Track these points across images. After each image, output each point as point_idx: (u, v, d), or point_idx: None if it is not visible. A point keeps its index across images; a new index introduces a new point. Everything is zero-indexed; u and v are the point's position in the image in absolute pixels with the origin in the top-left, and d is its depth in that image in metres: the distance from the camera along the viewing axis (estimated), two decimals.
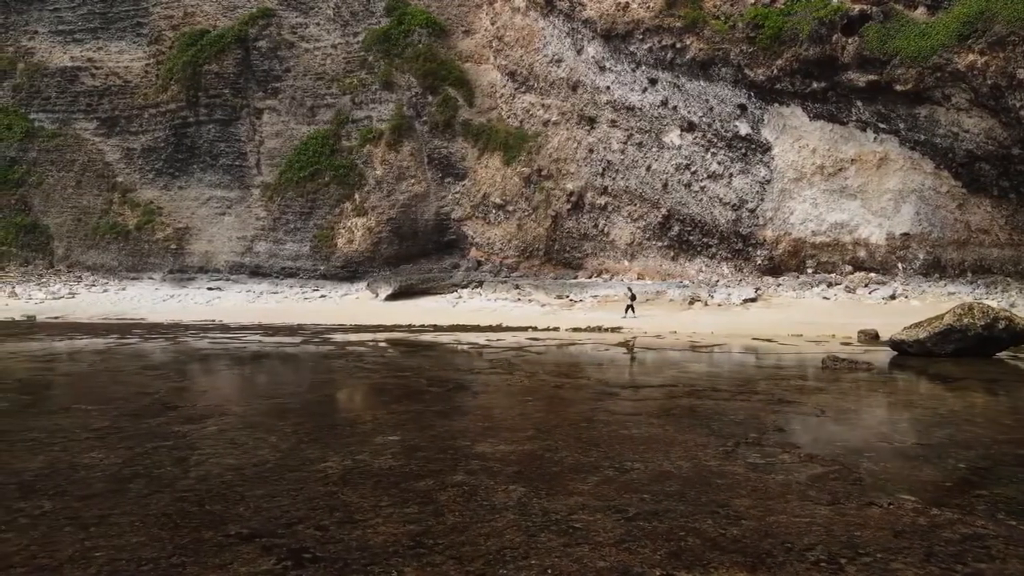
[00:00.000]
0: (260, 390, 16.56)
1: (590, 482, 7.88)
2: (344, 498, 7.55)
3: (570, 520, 6.60)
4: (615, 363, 21.03)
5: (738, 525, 6.35)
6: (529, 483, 7.88)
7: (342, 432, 10.91)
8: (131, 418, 12.24)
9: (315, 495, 7.65)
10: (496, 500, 7.29)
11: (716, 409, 12.42)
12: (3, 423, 11.87)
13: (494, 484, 7.88)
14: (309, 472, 8.61)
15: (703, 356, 22.50)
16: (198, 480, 8.37)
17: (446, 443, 10.05)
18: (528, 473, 8.32)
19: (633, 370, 19.49)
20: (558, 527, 6.41)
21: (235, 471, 8.72)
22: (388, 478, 8.25)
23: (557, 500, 7.24)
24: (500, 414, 12.40)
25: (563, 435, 10.41)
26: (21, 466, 9.15)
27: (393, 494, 7.61)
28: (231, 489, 7.96)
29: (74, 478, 8.54)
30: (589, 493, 7.46)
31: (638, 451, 9.35)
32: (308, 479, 8.30)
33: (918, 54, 33.25)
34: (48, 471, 8.89)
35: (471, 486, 7.82)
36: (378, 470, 8.65)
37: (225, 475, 8.56)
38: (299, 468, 8.80)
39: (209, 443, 10.33)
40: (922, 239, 37.02)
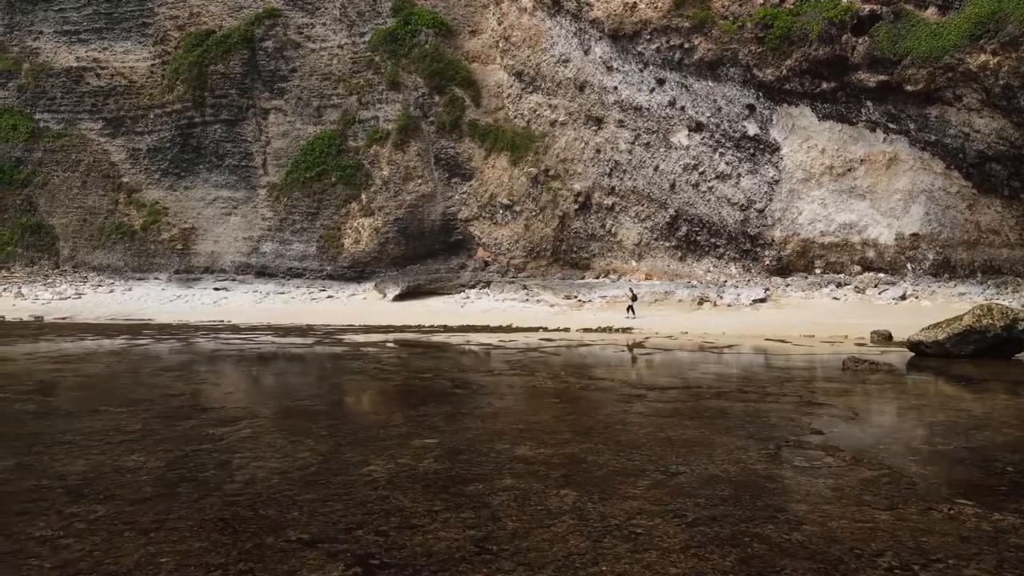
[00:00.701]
0: (284, 392, 16.54)
1: (640, 486, 7.86)
2: (396, 502, 7.53)
3: (630, 525, 6.58)
4: (634, 364, 21.01)
5: (800, 530, 6.33)
6: (579, 487, 7.87)
7: (377, 435, 10.88)
8: (162, 420, 12.22)
9: (367, 499, 7.64)
10: (551, 504, 7.28)
11: (747, 411, 12.41)
12: (35, 426, 11.85)
13: (544, 488, 7.86)
14: (355, 476, 8.59)
15: (720, 357, 22.49)
16: (245, 484, 8.36)
17: (485, 446, 10.03)
18: (575, 477, 8.31)
19: (655, 371, 19.47)
20: (620, 532, 6.40)
21: (280, 475, 8.70)
22: (436, 482, 8.24)
23: (612, 504, 7.23)
24: (532, 416, 12.38)
25: (600, 438, 10.40)
26: (64, 469, 9.13)
27: (445, 499, 7.60)
28: (281, 493, 7.94)
29: (121, 482, 8.53)
30: (642, 497, 7.44)
31: (680, 454, 9.34)
32: (356, 483, 8.28)
33: (930, 54, 33.25)
34: (93, 475, 8.87)
35: (522, 490, 7.81)
36: (423, 474, 8.63)
37: (271, 479, 8.55)
38: (343, 472, 8.79)
39: (247, 446, 10.31)
40: (932, 239, 37.01)
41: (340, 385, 16.97)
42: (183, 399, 14.67)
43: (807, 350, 24.12)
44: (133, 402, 14.42)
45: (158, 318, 43.37)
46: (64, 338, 31.00)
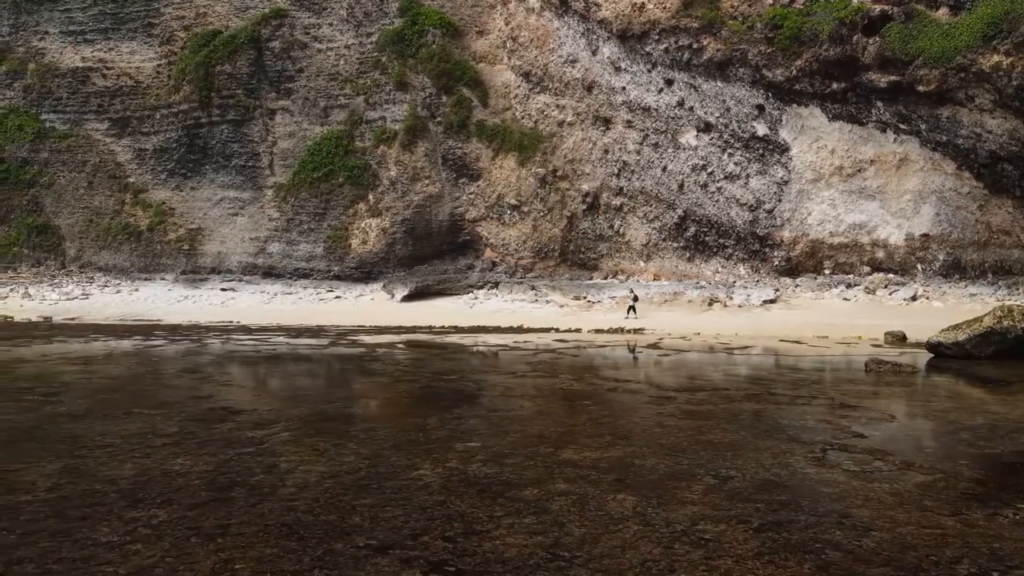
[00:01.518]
0: (312, 394, 16.54)
1: (695, 491, 7.87)
2: (455, 507, 7.54)
3: (697, 531, 6.59)
4: (655, 365, 21.02)
5: (869, 536, 6.34)
6: (635, 491, 7.88)
7: (416, 438, 10.88)
8: (198, 423, 12.21)
9: (425, 505, 7.64)
10: (611, 509, 7.29)
11: (781, 413, 12.42)
12: (72, 428, 11.84)
13: (600, 493, 7.87)
14: (406, 480, 8.59)
15: (738, 358, 22.50)
16: (298, 488, 8.36)
17: (529, 449, 10.04)
18: (628, 481, 8.32)
19: (677, 373, 19.46)
20: (688, 538, 6.41)
21: (332, 479, 8.71)
22: (490, 487, 8.24)
23: (672, 509, 7.23)
24: (567, 419, 12.39)
25: (642, 441, 10.40)
26: (113, 473, 9.13)
27: (503, 504, 7.61)
28: (336, 498, 7.95)
29: (173, 486, 8.53)
30: (700, 502, 7.45)
31: (727, 457, 9.34)
32: (409, 488, 8.28)
33: (942, 55, 33.27)
34: (143, 479, 8.87)
35: (578, 494, 7.81)
36: (474, 478, 8.64)
37: (323, 483, 8.55)
38: (394, 476, 8.79)
39: (289, 449, 10.32)
40: (942, 240, 37.04)
41: (366, 387, 16.97)
42: (212, 401, 14.66)
43: (824, 351, 24.13)
44: (163, 404, 14.41)
45: (167, 319, 43.35)
46: (76, 339, 30.96)
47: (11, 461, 9.81)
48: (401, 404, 14.51)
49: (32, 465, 9.62)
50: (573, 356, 22.94)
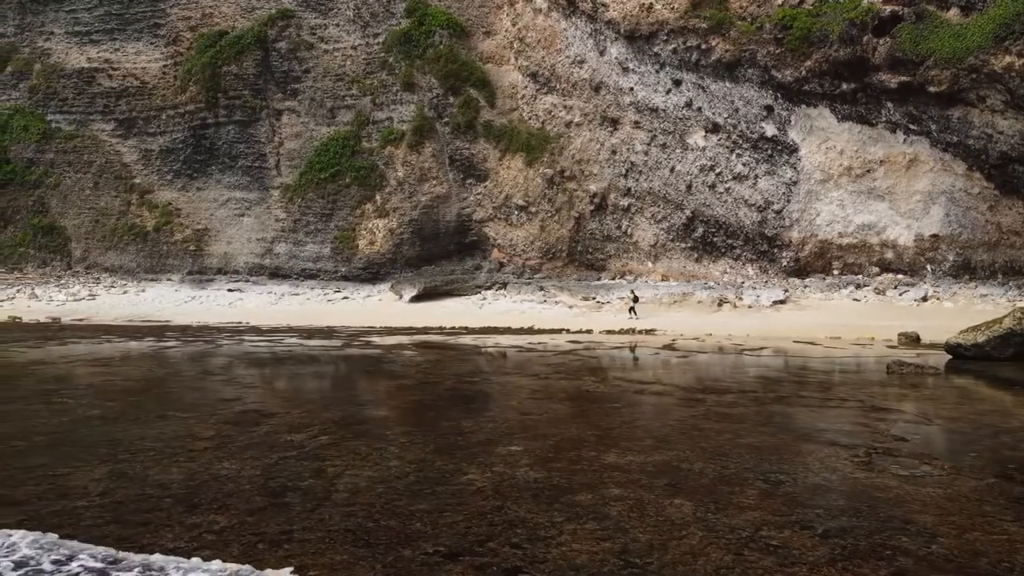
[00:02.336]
0: (339, 397, 16.54)
1: (750, 495, 7.90)
2: (513, 513, 7.56)
3: (762, 537, 6.61)
4: (674, 367, 21.02)
5: (937, 543, 6.37)
6: (689, 496, 7.90)
7: (456, 442, 10.90)
8: (234, 427, 12.23)
9: (483, 510, 7.67)
10: (671, 515, 7.31)
11: (815, 417, 12.44)
12: (109, 431, 11.86)
13: (655, 497, 7.90)
14: (458, 485, 8.62)
15: (755, 359, 22.51)
16: (351, 493, 8.39)
17: (571, 453, 10.06)
18: (680, 486, 8.34)
19: (698, 374, 19.47)
20: (756, 544, 6.43)
21: (383, 484, 8.73)
22: (543, 492, 8.27)
23: (732, 515, 7.26)
24: (601, 422, 12.40)
25: (682, 444, 10.42)
26: (162, 478, 9.15)
27: (560, 509, 7.63)
28: (392, 503, 7.97)
29: (225, 491, 8.55)
30: (758, 507, 7.47)
31: (772, 461, 9.37)
32: (462, 492, 8.31)
33: (953, 55, 33.28)
34: (194, 483, 8.90)
35: (634, 499, 7.84)
36: (525, 483, 8.66)
37: (375, 488, 8.57)
38: (444, 481, 8.82)
39: (332, 453, 10.34)
40: (952, 240, 37.03)
41: (392, 390, 16.97)
42: (241, 404, 14.67)
43: (840, 352, 24.14)
44: (193, 407, 14.43)
45: (175, 319, 43.35)
46: (89, 340, 30.96)
47: (57, 465, 9.83)
48: (431, 407, 14.51)
49: (79, 469, 9.64)
50: (591, 358, 22.96)
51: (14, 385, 17.11)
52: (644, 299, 41.01)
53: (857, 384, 16.53)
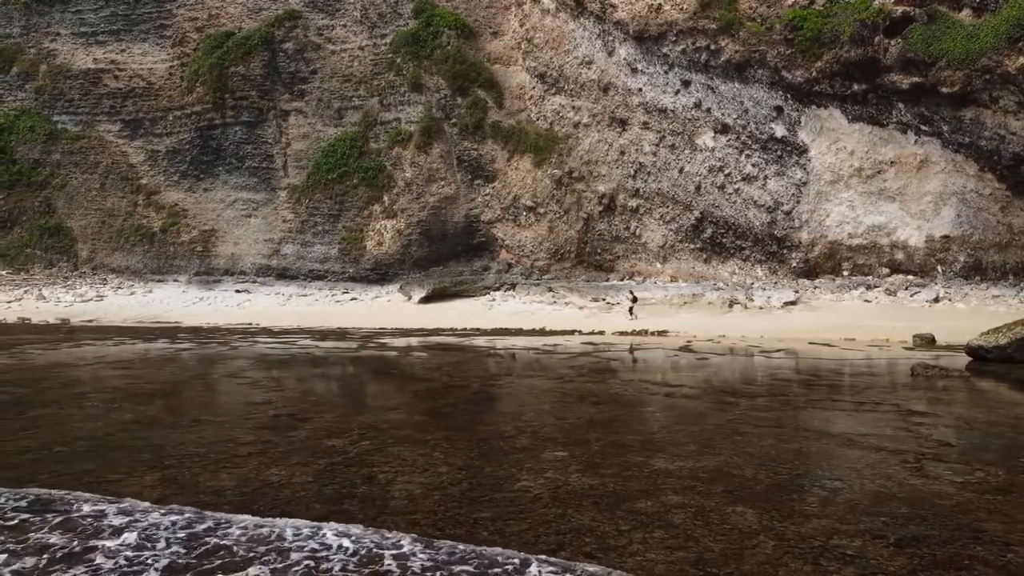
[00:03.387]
0: (368, 400, 16.54)
1: (810, 503, 7.90)
2: (578, 521, 7.56)
3: (835, 546, 6.62)
4: (698, 369, 20.99)
5: (1013, 551, 6.38)
6: (750, 504, 7.90)
7: (500, 447, 10.90)
8: (272, 432, 12.22)
9: (546, 518, 7.67)
10: (736, 522, 7.31)
11: (852, 421, 12.44)
12: (148, 436, 11.84)
13: (716, 505, 7.90)
14: (514, 492, 8.61)
15: (775, 361, 22.52)
16: (409, 500, 8.40)
17: (618, 458, 10.06)
18: (738, 493, 8.34)
19: (723, 376, 19.46)
20: (832, 554, 6.44)
21: (438, 491, 8.73)
22: (602, 499, 8.27)
23: (799, 523, 7.26)
24: (640, 426, 12.40)
25: (727, 450, 10.42)
26: (215, 484, 9.16)
27: (624, 517, 7.63)
28: (453, 511, 7.99)
29: (281, 498, 8.55)
30: (823, 515, 7.48)
31: (822, 468, 9.38)
32: (520, 500, 8.30)
33: (966, 56, 33.30)
34: (247, 490, 8.90)
35: (696, 506, 7.84)
36: (581, 489, 8.66)
37: (431, 495, 8.58)
38: (499, 488, 8.81)
39: (380, 459, 10.33)
40: (963, 241, 37.04)
41: (420, 393, 16.93)
42: (273, 408, 14.66)
43: (858, 354, 24.16)
44: (225, 411, 14.43)
45: (185, 321, 43.31)
46: (103, 342, 30.91)
47: (105, 471, 9.83)
48: (464, 411, 14.50)
49: (130, 475, 9.64)
50: (610, 360, 22.96)
51: (42, 389, 17.08)
52: (654, 300, 41.05)
53: (885, 387, 16.53)
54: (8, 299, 50.27)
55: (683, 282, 44.59)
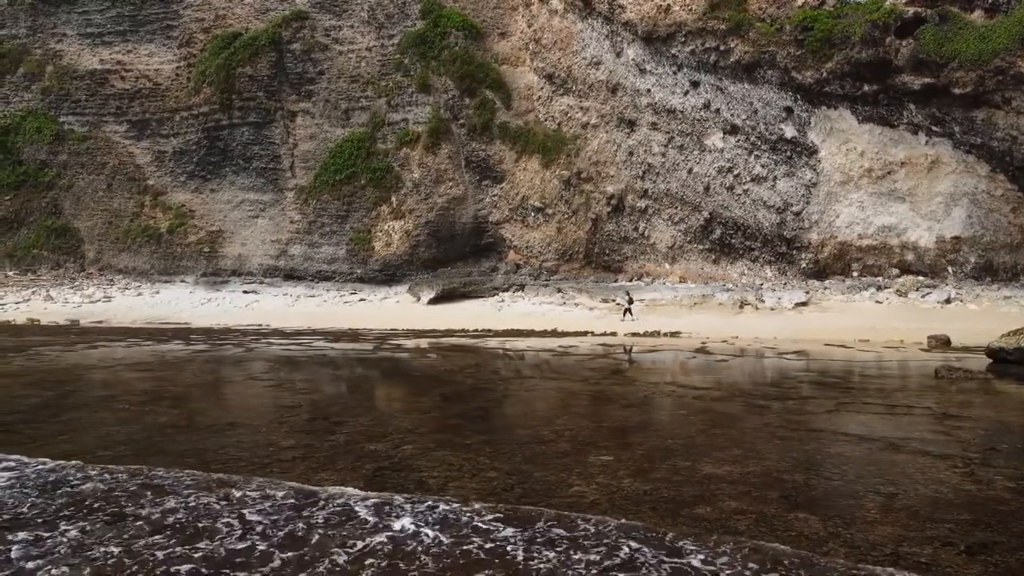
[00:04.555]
0: (397, 403, 16.55)
1: (870, 509, 7.93)
2: (628, 531, 7.56)
3: (907, 554, 6.66)
4: (720, 371, 21.00)
5: None
6: (810, 510, 7.93)
7: (544, 451, 10.91)
8: (309, 435, 12.25)
9: (600, 530, 7.66)
10: (803, 530, 7.34)
11: (889, 425, 12.46)
12: (189, 441, 11.85)
13: (777, 511, 7.92)
14: (569, 498, 8.64)
15: (795, 363, 22.54)
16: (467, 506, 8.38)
17: (664, 463, 10.08)
18: (795, 499, 8.37)
19: (747, 379, 19.47)
20: (906, 562, 6.48)
21: (493, 497, 8.74)
22: (659, 504, 8.29)
23: (864, 530, 7.29)
24: (677, 430, 12.42)
25: (772, 454, 10.44)
26: (270, 491, 9.15)
27: (687, 523, 7.65)
28: None
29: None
30: (886, 522, 7.52)
31: (872, 473, 9.39)
32: (578, 506, 8.34)
33: (979, 57, 33.33)
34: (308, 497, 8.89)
35: (756, 512, 7.86)
36: (635, 495, 8.69)
37: (487, 500, 8.57)
38: (553, 493, 8.84)
39: (425, 464, 10.34)
40: (974, 242, 37.08)
41: (449, 395, 16.88)
42: (304, 411, 14.68)
43: (876, 356, 24.18)
44: (258, 414, 14.44)
45: (194, 322, 43.31)
46: (116, 343, 30.89)
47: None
48: (496, 414, 14.52)
49: None
50: (631, 362, 22.97)
51: (69, 392, 17.09)
52: (664, 301, 41.08)
53: (913, 390, 16.56)
54: (16, 300, 50.26)
55: (692, 283, 44.61)
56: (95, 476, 9.40)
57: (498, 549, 6.65)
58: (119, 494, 8.61)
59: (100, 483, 9.09)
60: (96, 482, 9.15)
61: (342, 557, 6.67)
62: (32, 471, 9.68)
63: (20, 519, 7.71)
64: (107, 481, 9.19)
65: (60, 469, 9.78)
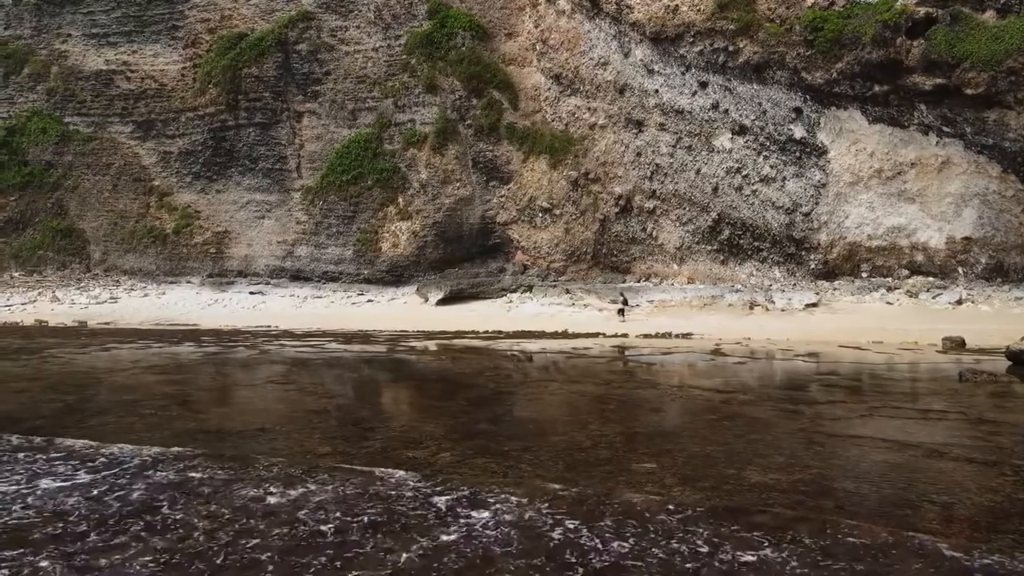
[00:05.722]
0: (424, 408, 16.46)
1: (930, 519, 7.89)
2: (703, 537, 7.49)
3: (989, 567, 6.54)
4: (740, 373, 20.91)
5: None
6: (871, 519, 7.86)
7: (584, 458, 10.86)
8: (344, 442, 12.18)
9: (661, 539, 7.59)
10: (866, 539, 7.24)
11: (926, 430, 12.41)
12: (223, 447, 11.74)
13: (837, 519, 7.85)
14: (623, 506, 8.54)
15: (813, 366, 22.50)
16: None
17: (709, 471, 10.02)
18: (851, 508, 8.30)
19: (770, 382, 19.40)
20: (986, 572, 6.35)
21: (548, 503, 8.65)
22: (715, 513, 8.22)
23: (935, 542, 7.18)
24: (713, 435, 12.36)
25: (816, 462, 10.38)
26: (318, 499, 9.07)
27: (748, 530, 7.56)
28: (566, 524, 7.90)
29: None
30: (952, 532, 7.46)
31: (921, 481, 9.34)
32: (630, 514, 8.23)
33: (991, 57, 33.26)
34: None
35: (816, 521, 7.80)
36: (689, 503, 8.60)
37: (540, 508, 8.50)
38: (606, 502, 8.74)
39: (468, 472, 10.30)
40: (984, 243, 37.00)
41: (472, 399, 16.74)
42: (332, 416, 14.61)
43: (893, 358, 24.11)
44: (288, 419, 14.33)
45: (203, 323, 43.21)
46: (128, 345, 30.76)
47: None
48: (527, 419, 14.45)
49: None
50: (647, 364, 22.93)
51: (90, 395, 17.05)
52: (674, 302, 41.02)
53: (940, 393, 16.49)
54: (23, 301, 50.17)
55: (700, 284, 44.50)
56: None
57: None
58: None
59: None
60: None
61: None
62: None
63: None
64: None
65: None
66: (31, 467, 10.66)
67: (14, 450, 11.71)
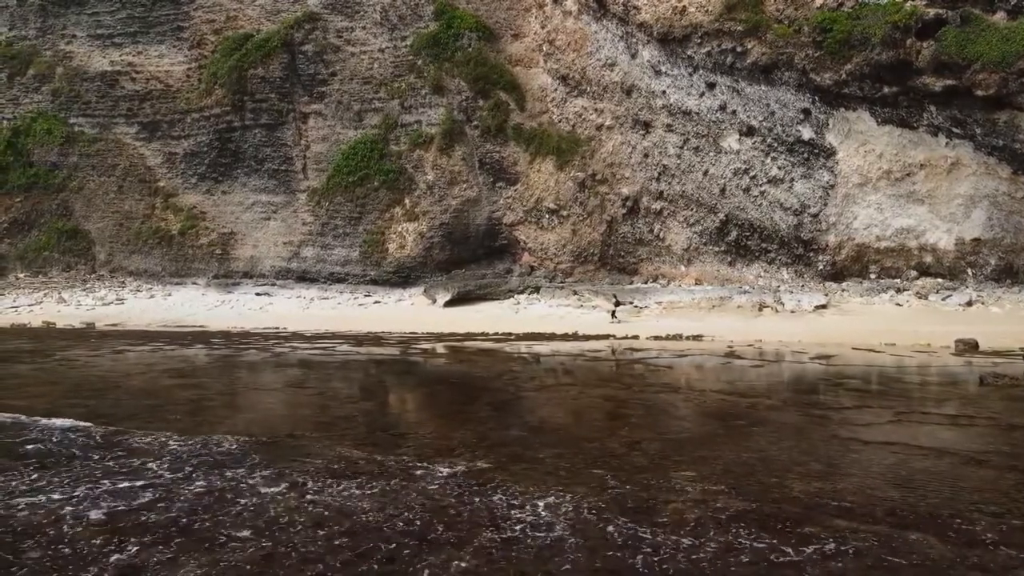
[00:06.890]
0: (450, 414, 16.38)
1: (984, 530, 7.88)
2: (755, 547, 7.46)
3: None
4: (760, 377, 20.88)
5: None
6: (923, 529, 7.85)
7: (621, 464, 10.84)
8: (376, 449, 12.14)
9: (731, 546, 7.56)
10: (927, 551, 7.23)
11: (958, 438, 12.40)
12: (276, 454, 11.69)
13: (890, 531, 7.86)
14: (671, 518, 8.51)
15: (828, 368, 22.48)
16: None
17: (749, 479, 10.00)
18: (903, 518, 8.25)
19: (789, 386, 19.38)
20: None
21: (593, 511, 8.63)
22: (767, 522, 8.19)
23: (991, 553, 7.18)
24: (745, 442, 12.35)
25: (856, 470, 10.36)
26: (363, 506, 9.05)
27: (803, 541, 7.53)
28: (620, 530, 7.87)
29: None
30: (1010, 543, 7.44)
31: (966, 491, 9.32)
32: (677, 525, 8.20)
33: (1002, 59, 33.26)
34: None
35: (870, 532, 7.79)
36: (737, 512, 8.59)
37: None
38: (653, 511, 8.75)
39: (508, 479, 10.25)
40: (994, 244, 37.01)
41: (496, 404, 16.76)
42: (359, 423, 14.61)
43: (909, 361, 24.07)
44: (315, 426, 14.30)
45: (211, 324, 43.17)
46: (140, 347, 30.72)
47: None
48: (559, 425, 14.43)
49: None
50: (664, 367, 22.88)
51: (114, 401, 17.01)
52: (682, 304, 41.01)
53: (965, 398, 16.47)
54: (29, 302, 50.14)
55: (707, 285, 44.49)
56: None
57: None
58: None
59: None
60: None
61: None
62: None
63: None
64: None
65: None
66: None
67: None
